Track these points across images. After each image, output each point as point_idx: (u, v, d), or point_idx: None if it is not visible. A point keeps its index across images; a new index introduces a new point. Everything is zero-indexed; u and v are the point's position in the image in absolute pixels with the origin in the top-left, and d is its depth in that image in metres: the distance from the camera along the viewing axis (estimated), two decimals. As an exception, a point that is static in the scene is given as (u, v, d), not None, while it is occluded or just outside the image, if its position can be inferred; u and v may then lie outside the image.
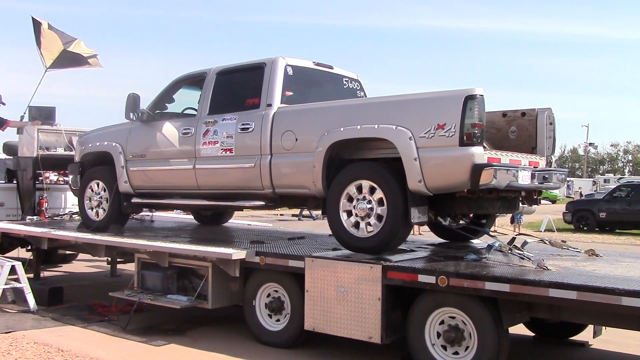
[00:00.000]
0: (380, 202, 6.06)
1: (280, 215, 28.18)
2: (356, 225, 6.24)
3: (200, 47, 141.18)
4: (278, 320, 6.66)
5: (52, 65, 12.07)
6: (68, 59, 12.22)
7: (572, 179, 69.54)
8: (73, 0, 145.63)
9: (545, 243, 6.93)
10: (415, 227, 14.37)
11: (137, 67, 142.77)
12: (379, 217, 6.06)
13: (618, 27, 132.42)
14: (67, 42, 12.14)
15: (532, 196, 6.82)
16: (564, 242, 6.92)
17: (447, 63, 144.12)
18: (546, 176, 6.39)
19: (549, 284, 4.82)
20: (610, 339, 6.60)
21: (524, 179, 6.01)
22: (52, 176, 13.50)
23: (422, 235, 13.21)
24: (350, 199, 6.28)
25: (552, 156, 6.92)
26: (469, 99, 5.59)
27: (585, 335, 6.71)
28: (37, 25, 11.84)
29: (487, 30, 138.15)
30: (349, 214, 6.29)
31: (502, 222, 21.14)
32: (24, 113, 11.55)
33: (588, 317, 5.31)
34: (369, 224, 6.14)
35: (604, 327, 6.12)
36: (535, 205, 7.05)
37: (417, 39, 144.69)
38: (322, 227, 9.11)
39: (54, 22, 12.16)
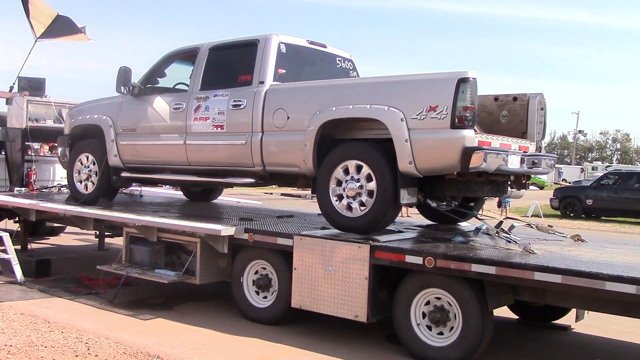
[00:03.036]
0: (370, 183, 6.08)
1: (270, 193, 28.19)
2: (345, 204, 6.26)
3: (194, 23, 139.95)
4: (265, 297, 6.70)
5: (43, 35, 11.95)
6: (59, 28, 12.05)
7: (561, 165, 69.90)
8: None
9: (532, 227, 7.00)
10: (404, 209, 14.45)
11: (129, 40, 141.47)
12: (369, 198, 6.09)
13: (610, 14, 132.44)
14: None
15: (520, 180, 6.86)
16: (551, 226, 7.00)
17: (441, 46, 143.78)
18: (535, 161, 6.43)
19: (535, 268, 4.87)
20: (592, 323, 6.69)
21: (513, 163, 6.04)
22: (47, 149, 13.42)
23: (411, 217, 13.27)
24: (340, 179, 6.30)
25: (542, 141, 6.96)
26: (462, 81, 5.59)
27: (568, 319, 6.80)
28: None
29: (481, 15, 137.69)
30: (339, 193, 6.31)
31: (490, 207, 21.24)
32: (13, 84, 11.47)
33: (572, 301, 5.38)
34: (358, 203, 6.16)
35: (586, 312, 6.22)
36: (524, 190, 7.11)
37: (411, 21, 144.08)
38: (311, 207, 9.14)
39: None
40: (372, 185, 6.06)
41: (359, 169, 6.17)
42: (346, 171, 6.25)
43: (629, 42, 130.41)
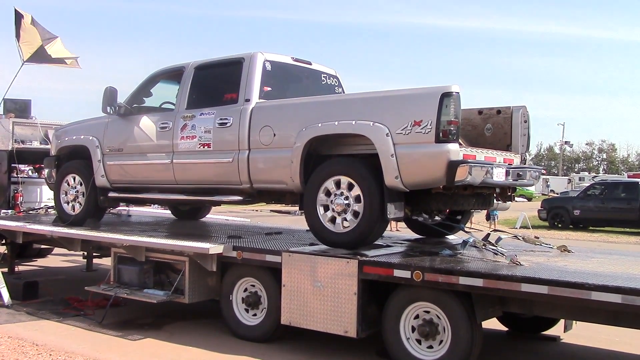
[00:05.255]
0: (357, 198, 6.10)
1: (257, 210, 28.12)
2: (333, 220, 6.27)
3: (178, 42, 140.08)
4: (255, 314, 6.69)
5: (30, 59, 11.99)
6: (45, 56, 12.14)
7: (548, 176, 70.35)
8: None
9: (519, 239, 7.03)
10: (393, 223, 14.50)
11: (115, 60, 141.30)
12: (356, 213, 6.11)
13: (594, 26, 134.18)
14: (46, 39, 12.06)
15: (506, 193, 6.92)
16: (537, 238, 7.05)
17: (426, 60, 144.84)
18: (520, 173, 6.49)
19: (522, 279, 4.91)
20: (581, 333, 6.73)
21: (498, 175, 6.10)
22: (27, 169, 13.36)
23: (400, 232, 13.31)
24: (327, 195, 6.31)
25: (527, 153, 7.02)
26: (445, 96, 5.65)
27: (557, 329, 6.83)
28: (18, 17, 11.74)
29: (466, 29, 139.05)
30: (326, 209, 6.32)
31: (478, 219, 21.36)
32: (-1, 105, 11.44)
33: (559, 312, 5.41)
34: (345, 219, 6.18)
35: (574, 322, 6.27)
36: (509, 202, 7.17)
37: (397, 36, 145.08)
38: (299, 223, 9.15)
39: (34, 15, 12.06)
40: (359, 200, 6.08)
41: (345, 184, 6.19)
42: (333, 187, 6.27)
43: (612, 53, 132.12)
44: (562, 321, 6.47)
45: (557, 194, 44.67)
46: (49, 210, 11.01)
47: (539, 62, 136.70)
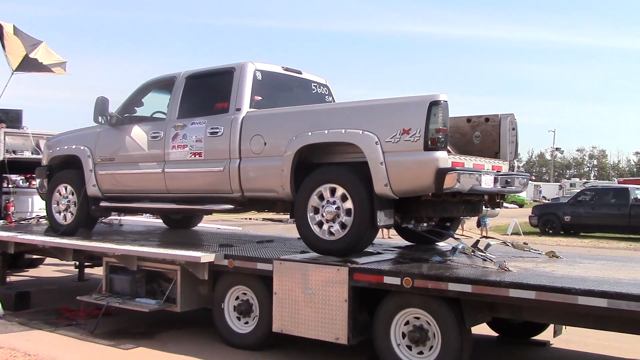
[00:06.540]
0: (347, 206, 6.15)
1: (249, 219, 28.12)
2: (324, 228, 6.31)
3: (169, 51, 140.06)
4: (247, 322, 6.71)
5: (19, 68, 12.00)
6: (33, 64, 12.15)
7: (540, 183, 70.68)
8: (41, 0, 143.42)
9: (507, 245, 7.11)
10: (385, 230, 14.55)
11: (106, 69, 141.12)
12: (346, 220, 6.15)
13: (584, 34, 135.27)
14: (31, 46, 12.05)
15: (495, 199, 6.98)
16: (526, 244, 7.12)
17: (417, 68, 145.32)
18: (508, 180, 6.57)
19: (509, 285, 4.97)
20: (570, 338, 6.79)
21: (486, 182, 6.17)
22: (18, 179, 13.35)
23: (392, 239, 13.34)
24: (318, 203, 6.36)
25: (515, 160, 7.11)
26: (433, 104, 5.72)
27: (547, 334, 6.88)
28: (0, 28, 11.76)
29: (457, 36, 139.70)
30: (317, 217, 6.37)
31: (469, 226, 21.45)
32: (-10, 116, 11.43)
33: (547, 317, 5.47)
34: (336, 226, 6.23)
35: (564, 327, 6.31)
36: (498, 209, 7.23)
37: (386, 45, 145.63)
38: (291, 231, 9.20)
39: (20, 23, 12.11)
40: (349, 208, 6.13)
41: (335, 192, 6.23)
42: (323, 195, 6.31)
43: (603, 61, 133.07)
44: (551, 326, 6.52)
45: (549, 200, 44.85)
46: (40, 220, 11.01)
47: (530, 69, 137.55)
